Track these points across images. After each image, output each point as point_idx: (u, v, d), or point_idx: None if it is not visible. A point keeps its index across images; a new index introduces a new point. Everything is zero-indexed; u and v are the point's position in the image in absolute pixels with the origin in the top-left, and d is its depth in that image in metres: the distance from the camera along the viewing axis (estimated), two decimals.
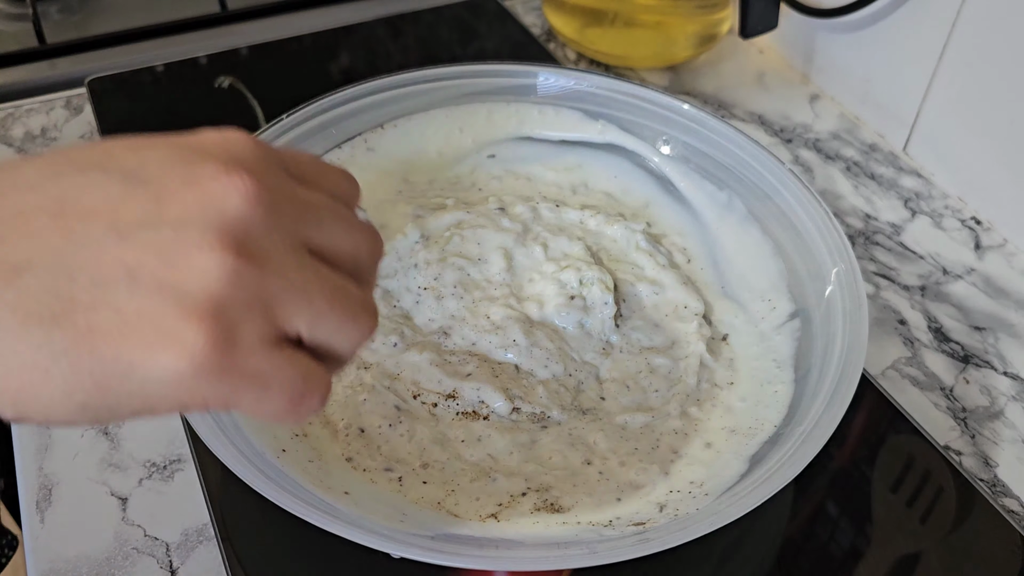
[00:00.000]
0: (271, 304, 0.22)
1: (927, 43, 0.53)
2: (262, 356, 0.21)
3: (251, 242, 0.22)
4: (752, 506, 0.31)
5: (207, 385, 0.21)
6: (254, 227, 0.22)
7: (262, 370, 0.21)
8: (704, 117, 0.47)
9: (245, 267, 0.21)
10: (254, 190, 0.22)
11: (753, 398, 0.39)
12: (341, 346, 0.23)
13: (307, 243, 0.23)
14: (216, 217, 0.21)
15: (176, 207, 0.21)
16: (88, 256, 0.20)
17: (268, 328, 0.22)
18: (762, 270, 0.44)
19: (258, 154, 0.24)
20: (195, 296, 0.20)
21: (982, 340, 0.46)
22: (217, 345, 0.20)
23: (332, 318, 0.23)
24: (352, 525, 0.30)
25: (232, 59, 0.61)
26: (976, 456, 0.41)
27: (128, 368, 0.20)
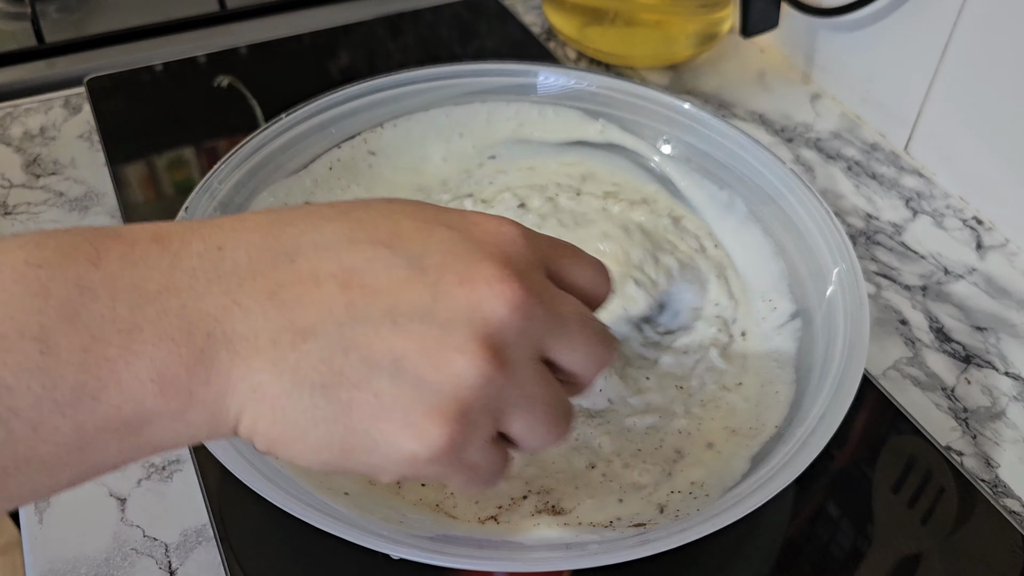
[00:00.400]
0: (504, 409, 0.24)
1: (929, 42, 0.52)
2: (483, 453, 0.24)
3: (504, 350, 0.23)
4: (753, 507, 0.31)
5: (432, 469, 0.23)
6: (511, 336, 0.23)
7: (478, 463, 0.24)
8: (705, 116, 0.47)
9: (495, 376, 0.23)
10: (519, 300, 0.23)
11: (754, 398, 0.39)
12: (534, 447, 0.26)
13: (546, 353, 0.25)
14: (481, 324, 0.23)
15: (448, 304, 0.23)
16: (364, 335, 0.22)
17: (492, 429, 0.24)
18: (763, 270, 0.44)
19: (527, 253, 0.25)
20: (447, 397, 0.22)
21: (983, 340, 0.46)
22: (453, 443, 0.23)
23: (541, 428, 0.25)
24: (351, 526, 0.30)
25: (231, 58, 0.61)
26: (978, 457, 0.41)
27: (373, 445, 0.23)
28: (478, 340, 0.23)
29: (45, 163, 0.54)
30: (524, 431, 0.25)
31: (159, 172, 0.55)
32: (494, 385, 0.23)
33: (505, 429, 0.24)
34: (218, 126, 0.57)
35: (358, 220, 0.24)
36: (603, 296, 0.28)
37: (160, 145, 0.55)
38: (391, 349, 0.22)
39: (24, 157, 0.54)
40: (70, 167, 0.54)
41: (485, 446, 0.24)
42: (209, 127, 0.57)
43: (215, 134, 0.57)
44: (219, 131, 0.57)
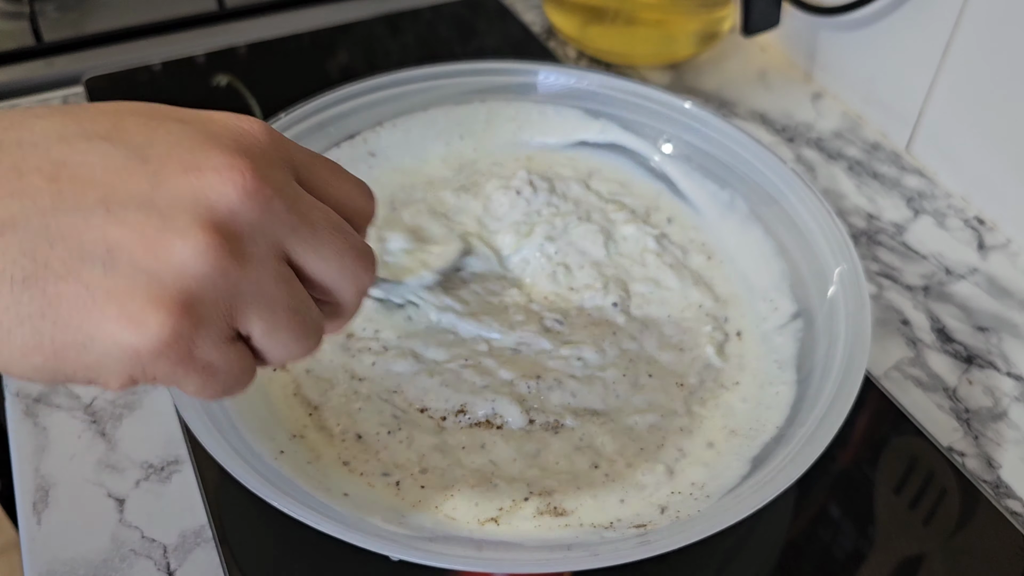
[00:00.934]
0: (237, 305, 0.22)
1: (930, 41, 0.52)
2: (218, 353, 0.22)
3: (236, 240, 0.22)
4: (754, 508, 0.31)
5: (159, 367, 0.22)
6: (244, 226, 0.22)
7: (212, 363, 0.22)
8: (706, 116, 0.47)
9: (223, 264, 0.21)
10: (252, 187, 0.22)
11: (755, 399, 0.39)
12: (278, 357, 0.24)
13: (290, 255, 0.23)
14: (207, 209, 0.21)
15: (170, 191, 0.21)
16: (72, 224, 0.21)
17: (228, 326, 0.22)
18: (764, 270, 0.44)
19: (269, 150, 0.24)
20: (168, 286, 0.21)
21: (985, 341, 0.46)
22: (179, 337, 0.21)
23: (284, 334, 0.24)
24: (351, 527, 0.30)
25: (230, 57, 0.61)
26: (979, 457, 0.41)
27: (88, 341, 0.21)
28: (203, 225, 0.21)
29: None
30: (264, 335, 0.23)
31: None
32: (223, 275, 0.21)
33: (244, 330, 0.23)
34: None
35: (73, 116, 0.22)
36: (366, 215, 0.27)
37: None
38: (104, 238, 0.21)
39: None
40: None
41: (220, 345, 0.22)
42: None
43: None
44: None
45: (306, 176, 0.25)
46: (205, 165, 0.22)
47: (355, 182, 0.26)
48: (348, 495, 0.34)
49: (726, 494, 0.34)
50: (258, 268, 0.22)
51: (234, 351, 0.23)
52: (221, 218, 0.22)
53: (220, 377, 0.23)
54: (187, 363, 0.22)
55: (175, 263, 0.21)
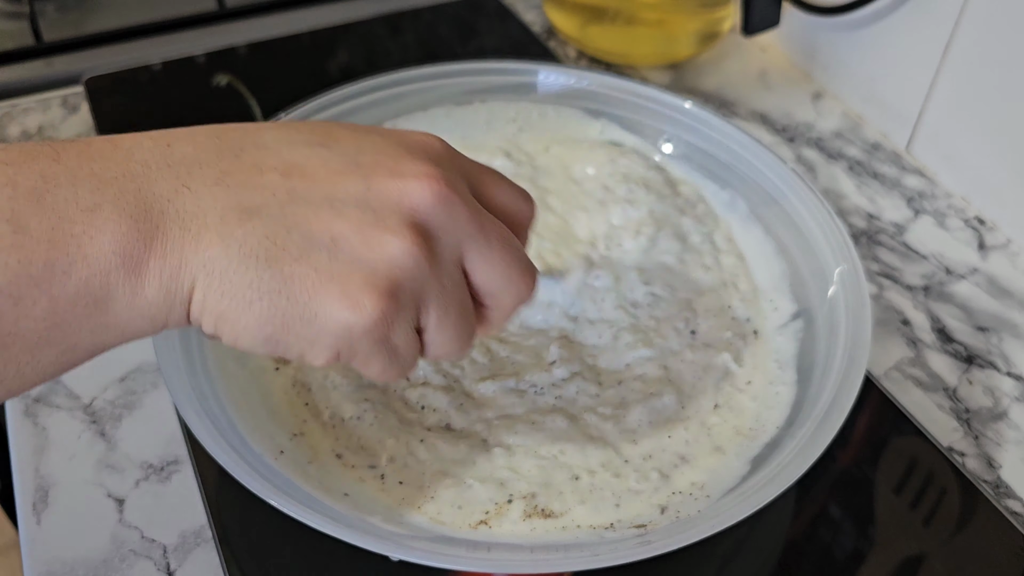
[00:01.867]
0: (425, 299, 0.26)
1: (930, 41, 0.52)
2: (406, 337, 0.26)
3: (431, 240, 0.25)
4: (754, 508, 0.31)
5: (363, 344, 0.25)
6: (436, 228, 0.25)
7: (399, 347, 0.26)
8: (706, 116, 0.46)
9: (422, 261, 0.25)
10: (445, 194, 0.25)
11: (761, 398, 0.39)
12: (439, 350, 0.27)
13: (464, 259, 0.27)
14: (411, 210, 0.25)
15: (381, 193, 0.25)
16: (304, 215, 0.24)
17: (415, 316, 0.26)
18: (765, 270, 0.44)
19: (452, 163, 0.27)
20: (380, 274, 0.24)
21: (986, 341, 0.46)
22: (385, 317, 0.24)
23: (449, 331, 0.27)
24: (351, 527, 0.30)
25: (230, 57, 0.61)
26: (980, 457, 0.41)
27: (312, 316, 0.24)
28: (408, 225, 0.25)
29: None
30: (435, 328, 0.26)
31: None
32: (421, 270, 0.25)
33: (422, 321, 0.26)
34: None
35: (295, 128, 0.27)
36: (526, 220, 0.30)
37: None
38: (329, 228, 0.24)
39: None
40: None
41: (408, 331, 0.26)
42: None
43: None
44: None
45: (476, 184, 0.28)
46: (408, 172, 0.25)
47: (517, 189, 0.30)
48: (348, 495, 0.34)
49: (726, 494, 0.34)
50: (443, 267, 0.26)
51: (414, 339, 0.26)
52: (422, 219, 0.25)
53: (399, 360, 0.26)
54: (384, 343, 0.25)
55: (387, 255, 0.24)
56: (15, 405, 0.41)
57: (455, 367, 0.39)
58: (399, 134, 0.27)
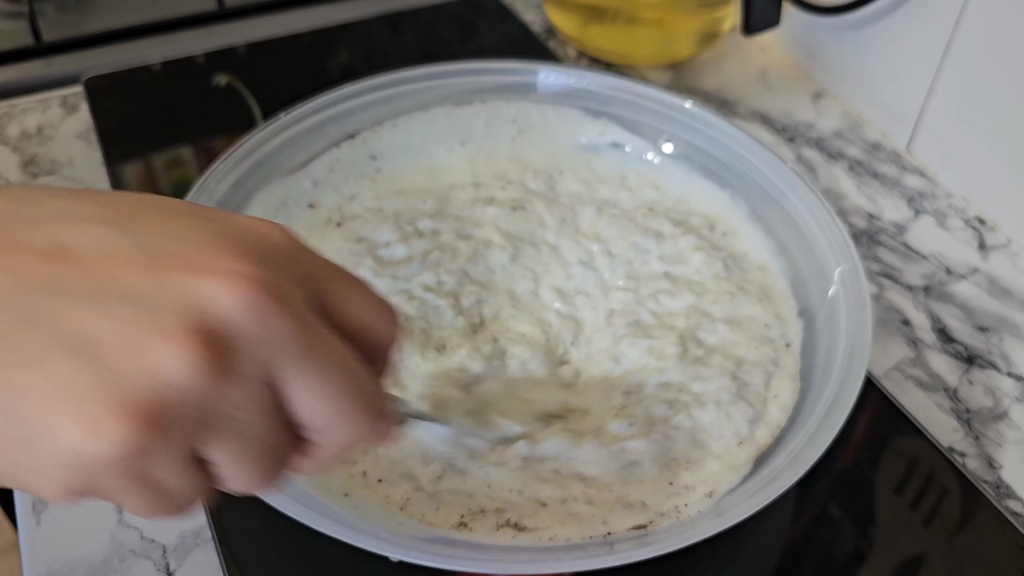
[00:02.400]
0: (209, 427, 0.20)
1: (931, 41, 0.52)
2: (173, 473, 0.20)
3: (226, 355, 0.19)
4: (755, 509, 0.31)
5: (105, 481, 0.19)
6: (237, 340, 0.20)
7: (165, 486, 0.20)
8: (706, 115, 0.46)
9: (207, 380, 0.19)
10: (256, 299, 0.20)
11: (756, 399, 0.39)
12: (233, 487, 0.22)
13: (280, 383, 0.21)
14: (201, 313, 0.19)
15: (169, 292, 0.19)
16: (55, 309, 0.19)
17: (190, 446, 0.20)
18: (767, 263, 0.44)
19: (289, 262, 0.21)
20: (140, 391, 0.19)
21: (986, 341, 0.46)
22: (138, 453, 0.19)
23: (247, 468, 0.21)
24: (351, 528, 0.30)
25: (229, 57, 0.61)
26: (980, 458, 0.41)
27: (34, 439, 0.19)
28: (193, 332, 0.19)
29: (43, 162, 0.54)
30: (227, 464, 0.21)
31: (157, 171, 0.54)
32: (204, 392, 0.19)
33: (204, 452, 0.20)
34: (216, 125, 0.56)
35: (90, 198, 0.21)
36: (386, 342, 0.24)
37: (158, 144, 0.55)
38: (82, 328, 0.19)
39: (21, 156, 0.54)
40: (67, 166, 0.53)
41: (178, 465, 0.20)
42: (207, 126, 0.57)
43: (213, 133, 0.56)
44: (217, 130, 0.56)
45: (322, 294, 0.22)
46: (211, 267, 0.20)
47: (380, 304, 0.24)
48: (348, 495, 0.34)
49: (727, 494, 0.34)
50: (242, 391, 0.20)
51: (190, 474, 0.20)
52: (214, 326, 0.19)
53: (167, 499, 0.20)
54: (140, 481, 0.19)
55: (152, 368, 0.19)
56: None
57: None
58: (232, 220, 0.22)
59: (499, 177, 0.48)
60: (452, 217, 0.45)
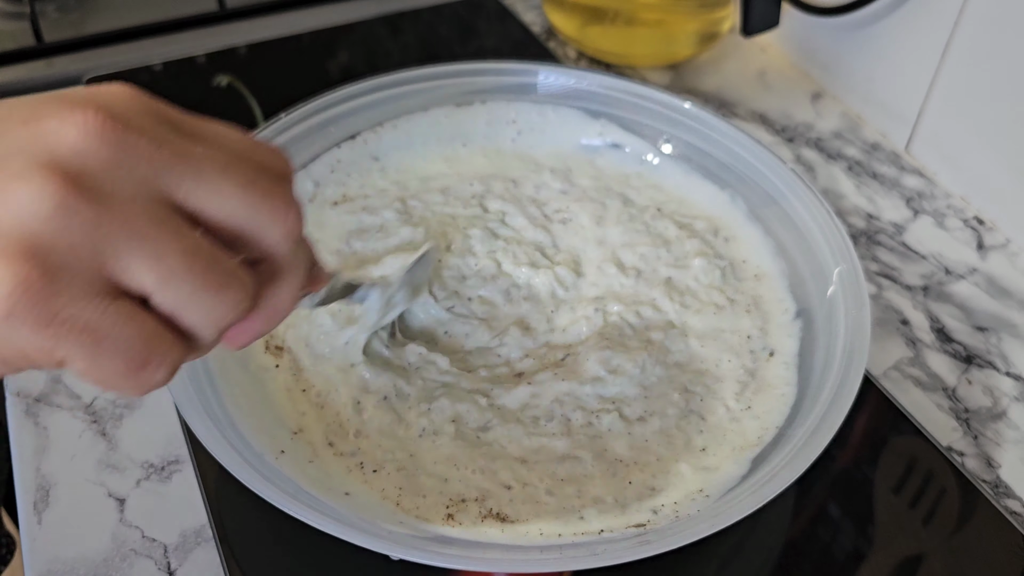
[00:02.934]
0: (107, 249, 0.19)
1: (930, 41, 0.52)
2: (92, 306, 0.19)
3: (87, 179, 0.19)
4: (754, 508, 0.31)
5: (24, 334, 0.18)
6: (94, 164, 0.19)
7: (92, 322, 0.19)
8: (706, 116, 0.47)
9: (74, 202, 0.18)
10: (98, 125, 0.19)
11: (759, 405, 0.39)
12: (198, 320, 0.20)
13: (172, 198, 0.20)
14: (45, 151, 0.19)
15: (7, 142, 0.19)
16: None
17: (100, 276, 0.19)
18: (764, 268, 0.44)
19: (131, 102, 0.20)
20: (8, 232, 0.18)
21: (985, 340, 0.46)
22: (31, 286, 0.18)
23: (188, 282, 0.20)
24: (351, 527, 0.30)
25: (230, 58, 0.61)
26: (979, 457, 0.41)
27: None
28: (42, 165, 0.18)
29: None
30: (159, 285, 0.19)
31: None
32: (74, 214, 0.18)
33: (129, 279, 0.19)
34: None
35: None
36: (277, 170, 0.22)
37: None
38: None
39: None
40: None
41: (94, 299, 0.19)
42: None
43: None
44: None
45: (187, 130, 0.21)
46: (43, 114, 0.19)
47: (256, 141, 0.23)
48: (349, 494, 0.34)
49: (726, 494, 0.34)
50: (124, 207, 0.19)
51: (121, 310, 0.19)
52: (63, 158, 0.19)
53: (109, 345, 0.19)
54: (53, 323, 0.18)
55: (13, 207, 0.18)
56: (16, 405, 0.41)
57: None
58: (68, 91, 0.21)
59: (501, 176, 0.48)
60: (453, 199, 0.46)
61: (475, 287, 0.43)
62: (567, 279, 0.43)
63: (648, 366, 0.39)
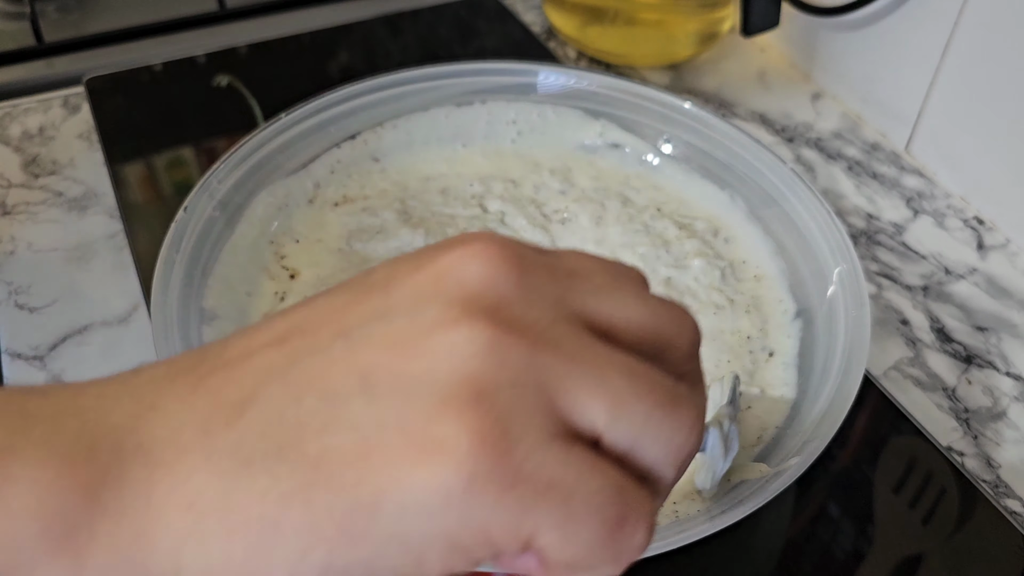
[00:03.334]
0: (551, 382, 0.16)
1: (930, 41, 0.52)
2: (553, 456, 0.15)
3: (507, 309, 0.16)
4: (754, 508, 0.31)
5: (487, 505, 0.15)
6: (508, 293, 0.17)
7: (557, 477, 0.15)
8: (706, 116, 0.47)
9: (505, 337, 0.16)
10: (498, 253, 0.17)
11: (756, 399, 0.39)
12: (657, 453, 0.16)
13: (583, 315, 0.17)
14: (456, 288, 0.16)
15: (408, 291, 0.17)
16: (314, 371, 0.16)
17: (553, 419, 0.16)
18: (764, 269, 0.44)
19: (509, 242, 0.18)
20: (447, 382, 0.15)
21: (984, 340, 0.46)
22: (488, 441, 0.15)
23: (639, 405, 0.16)
24: None
25: (230, 58, 0.61)
26: (979, 457, 0.41)
27: (376, 497, 0.15)
28: (459, 305, 0.16)
29: (44, 163, 0.54)
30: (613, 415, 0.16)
31: (158, 172, 0.54)
32: (509, 350, 0.16)
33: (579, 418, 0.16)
34: (217, 126, 0.57)
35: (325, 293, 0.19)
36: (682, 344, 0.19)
37: (159, 145, 0.55)
38: (353, 367, 0.16)
39: (23, 157, 0.54)
40: (69, 167, 0.54)
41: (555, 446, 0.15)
42: (208, 127, 0.57)
43: (214, 134, 0.56)
44: (218, 131, 0.56)
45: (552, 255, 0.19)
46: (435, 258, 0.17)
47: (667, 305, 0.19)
48: None
49: (726, 493, 0.34)
50: (551, 333, 0.16)
51: (584, 458, 0.16)
52: (478, 292, 0.16)
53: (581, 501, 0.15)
54: (517, 485, 0.15)
55: (444, 355, 0.16)
56: None
57: None
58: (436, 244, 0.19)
59: (501, 176, 0.48)
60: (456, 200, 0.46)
61: None
62: None
63: None
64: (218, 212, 0.42)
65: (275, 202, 0.44)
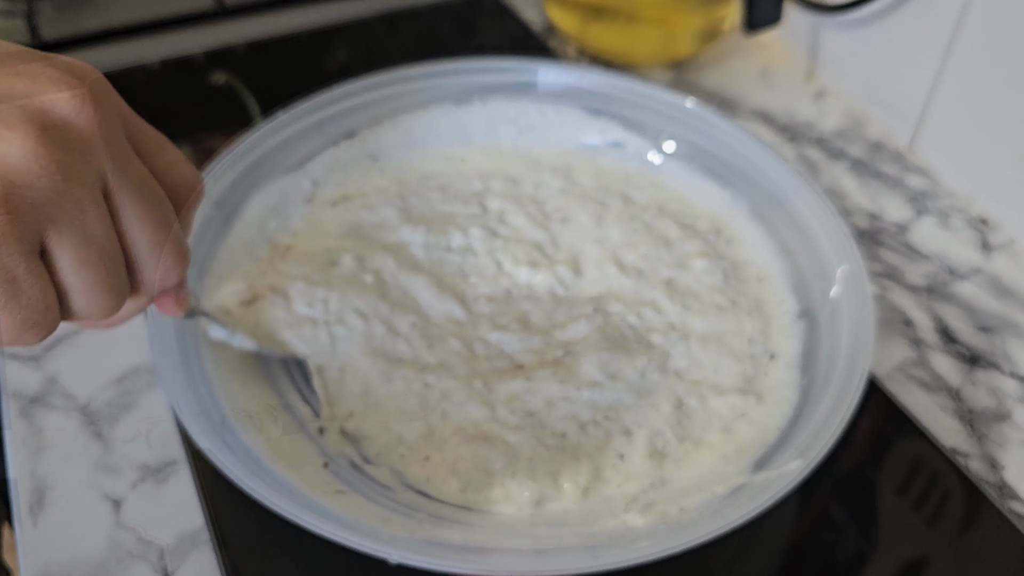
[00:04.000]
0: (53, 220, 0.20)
1: (933, 39, 0.52)
2: (24, 263, 0.20)
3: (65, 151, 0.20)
4: (757, 510, 0.30)
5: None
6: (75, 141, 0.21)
7: (17, 277, 0.20)
8: (707, 114, 0.46)
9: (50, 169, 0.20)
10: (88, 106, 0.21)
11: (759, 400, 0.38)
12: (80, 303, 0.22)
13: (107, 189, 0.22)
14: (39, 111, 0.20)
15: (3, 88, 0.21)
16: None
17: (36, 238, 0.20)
18: (766, 270, 0.43)
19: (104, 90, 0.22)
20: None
21: (989, 341, 0.46)
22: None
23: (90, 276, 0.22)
24: (350, 529, 0.29)
25: (228, 56, 0.61)
26: (983, 459, 0.40)
27: None
28: (35, 124, 0.20)
29: None
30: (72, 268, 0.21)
31: None
32: (46, 179, 0.20)
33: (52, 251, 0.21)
34: (214, 124, 0.56)
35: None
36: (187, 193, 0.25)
37: None
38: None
39: None
40: None
41: (28, 257, 0.20)
42: (205, 125, 0.56)
43: (211, 132, 0.56)
44: (215, 129, 0.56)
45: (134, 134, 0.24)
46: (41, 74, 0.21)
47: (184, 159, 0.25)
48: (341, 492, 0.34)
49: (728, 495, 0.34)
50: (81, 190, 0.21)
51: (40, 272, 0.21)
52: (54, 123, 0.21)
53: (22, 300, 0.20)
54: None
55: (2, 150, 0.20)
56: (11, 406, 0.40)
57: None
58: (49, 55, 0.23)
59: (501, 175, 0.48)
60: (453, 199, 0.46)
61: (475, 286, 0.42)
62: (567, 278, 0.43)
63: (648, 372, 0.39)
64: (215, 211, 0.41)
65: (272, 201, 0.44)
